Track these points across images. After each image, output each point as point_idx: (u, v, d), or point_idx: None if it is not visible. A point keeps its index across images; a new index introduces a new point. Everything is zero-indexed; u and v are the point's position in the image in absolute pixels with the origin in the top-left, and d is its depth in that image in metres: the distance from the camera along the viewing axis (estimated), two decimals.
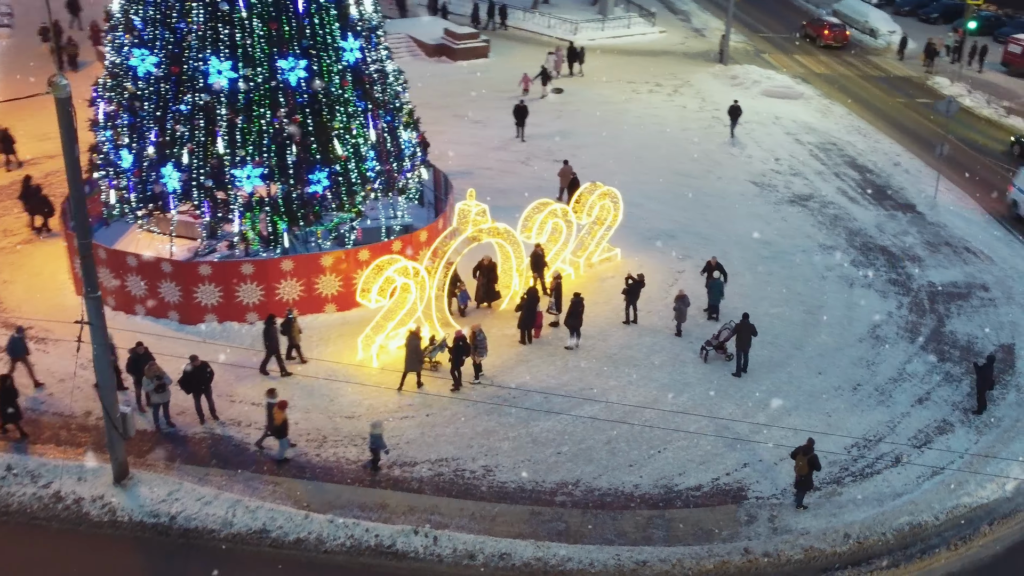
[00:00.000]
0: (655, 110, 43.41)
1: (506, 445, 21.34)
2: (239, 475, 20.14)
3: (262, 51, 24.18)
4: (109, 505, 19.08)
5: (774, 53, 54.60)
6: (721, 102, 43.87)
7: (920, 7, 65.73)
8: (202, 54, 24.05)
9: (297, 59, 24.41)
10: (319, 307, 25.50)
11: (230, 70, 24.08)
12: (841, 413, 23.09)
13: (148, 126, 24.69)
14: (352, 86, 25.46)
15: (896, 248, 31.64)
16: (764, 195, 35.12)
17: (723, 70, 49.55)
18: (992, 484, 20.96)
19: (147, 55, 24.43)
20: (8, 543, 18.41)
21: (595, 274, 28.37)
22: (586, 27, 53.87)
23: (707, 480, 20.72)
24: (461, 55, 47.70)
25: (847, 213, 34.06)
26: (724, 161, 38.02)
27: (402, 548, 18.45)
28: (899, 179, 37.56)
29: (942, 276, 29.99)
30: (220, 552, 18.40)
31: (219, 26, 23.95)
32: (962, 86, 49.64)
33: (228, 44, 24.03)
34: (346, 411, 22.14)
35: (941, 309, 28.06)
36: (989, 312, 28.09)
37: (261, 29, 24.09)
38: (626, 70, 48.98)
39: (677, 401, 23.05)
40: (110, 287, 25.21)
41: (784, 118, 43.35)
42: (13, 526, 18.78)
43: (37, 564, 17.96)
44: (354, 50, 25.56)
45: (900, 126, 43.58)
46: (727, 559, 18.65)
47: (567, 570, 18.25)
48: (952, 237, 32.80)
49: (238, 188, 24.61)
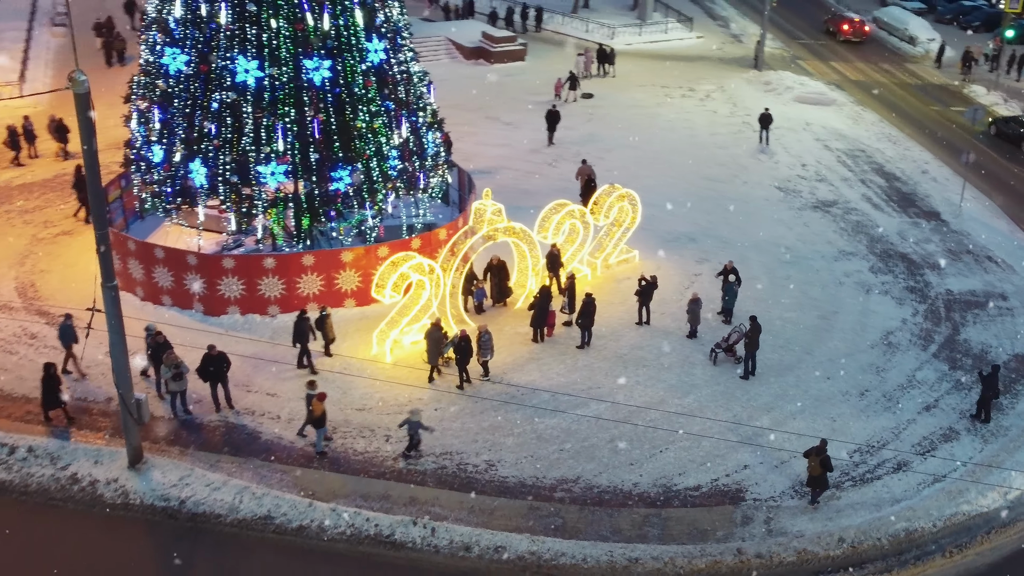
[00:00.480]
0: (686, 115, 43.00)
1: (510, 441, 21.32)
2: (249, 463, 20.39)
3: (287, 51, 24.48)
4: (122, 488, 19.45)
5: (810, 59, 53.75)
6: (753, 108, 43.31)
7: (962, 15, 64.17)
8: (230, 53, 24.42)
9: (322, 59, 24.69)
10: (339, 302, 25.69)
11: (257, 69, 24.44)
12: (846, 418, 22.70)
13: (178, 122, 25.15)
14: (376, 86, 25.66)
15: (916, 255, 30.99)
16: (788, 200, 34.61)
17: (757, 76, 48.92)
18: (993, 493, 20.47)
19: (178, 54, 24.87)
20: (25, 522, 18.85)
21: (612, 275, 28.20)
22: (623, 31, 53.51)
23: (706, 481, 20.50)
24: (498, 58, 47.71)
25: (870, 220, 33.43)
26: (751, 166, 37.54)
27: (400, 538, 18.55)
28: (926, 187, 36.77)
29: (961, 284, 29.31)
30: (226, 536, 18.67)
31: (247, 26, 24.30)
32: (999, 95, 48.48)
33: (255, 44, 24.36)
34: (357, 403, 22.30)
35: (957, 317, 27.43)
36: (1006, 321, 27.40)
37: (287, 30, 24.39)
38: (660, 75, 48.58)
39: (683, 402, 22.84)
40: (138, 278, 25.72)
41: (815, 124, 42.67)
42: (31, 505, 19.23)
43: (52, 543, 18.33)
44: (378, 51, 25.72)
45: (932, 134, 42.62)
46: (719, 559, 18.45)
47: (560, 564, 18.20)
48: (975, 246, 32.03)
49: (263, 184, 24.96)
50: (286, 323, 24.91)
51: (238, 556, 18.32)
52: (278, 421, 21.66)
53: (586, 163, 33.21)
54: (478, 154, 36.32)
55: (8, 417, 21.36)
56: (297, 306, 25.22)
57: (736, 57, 52.86)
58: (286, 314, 25.15)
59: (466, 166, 31.69)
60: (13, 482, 19.64)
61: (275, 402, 22.26)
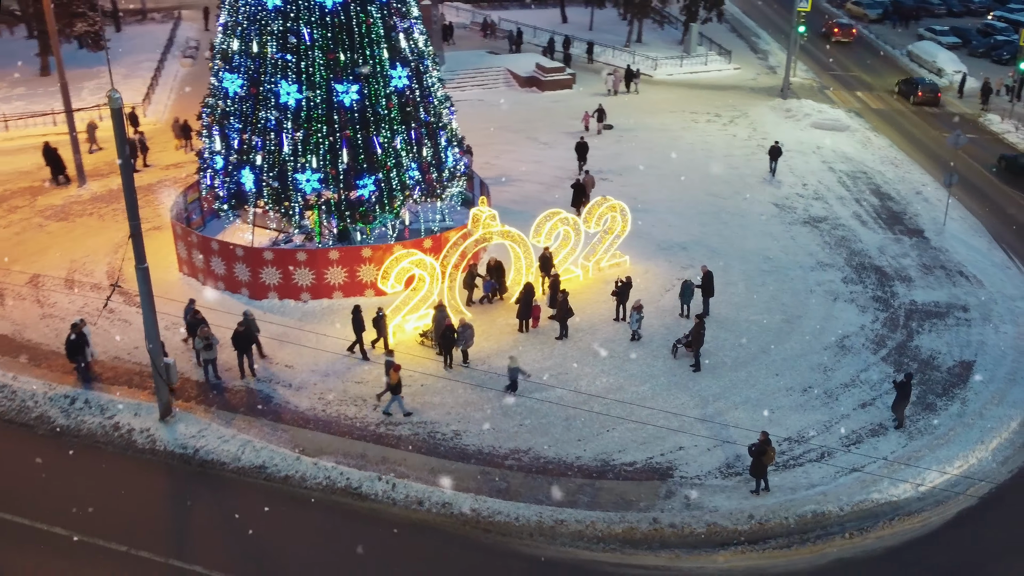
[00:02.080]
0: (707, 138, 42.43)
1: (478, 415, 21.82)
2: (258, 421, 21.48)
3: (321, 76, 25.55)
4: (151, 436, 20.82)
5: (838, 89, 52.12)
6: (770, 133, 42.45)
7: (993, 49, 61.08)
8: (275, 78, 25.67)
9: (350, 84, 25.67)
10: (360, 291, 26.65)
11: (296, 92, 25.61)
12: (785, 411, 22.31)
13: (232, 136, 26.61)
14: (397, 108, 26.50)
15: (890, 268, 29.95)
16: (781, 216, 33.88)
17: (780, 103, 47.76)
18: (905, 485, 19.83)
19: (235, 78, 26.29)
20: (74, 459, 20.42)
21: (602, 277, 28.30)
22: (665, 63, 53.03)
23: (642, 458, 20.55)
24: (548, 86, 48.05)
25: (854, 235, 32.43)
26: (755, 185, 36.85)
27: (366, 491, 19.31)
28: (916, 207, 35.38)
29: (926, 296, 28.23)
30: (226, 481, 19.79)
31: (289, 56, 25.49)
32: (1011, 123, 46.09)
33: (295, 70, 25.53)
34: (356, 377, 23.14)
35: (914, 325, 26.47)
36: (960, 331, 26.28)
37: (321, 59, 25.46)
38: (692, 102, 48.01)
39: (639, 389, 22.89)
40: (199, 266, 27.29)
41: (825, 148, 41.49)
42: (80, 447, 20.76)
43: (92, 478, 19.77)
44: (402, 77, 26.56)
45: (937, 158, 40.86)
46: (635, 526, 18.54)
47: (495, 521, 18.64)
48: (949, 261, 30.72)
49: (299, 190, 26.13)
50: (314, 308, 26.14)
51: (233, 497, 19.39)
52: (289, 388, 22.72)
53: (589, 174, 33.49)
54: (512, 168, 36.86)
55: (73, 372, 23.07)
56: (325, 294, 26.43)
57: (767, 87, 51.71)
58: (315, 300, 26.38)
59: (498, 178, 32.22)
60: (69, 427, 21.27)
61: (290, 373, 23.33)
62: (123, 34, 56.89)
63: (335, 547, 17.93)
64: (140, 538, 17.92)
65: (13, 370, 23.18)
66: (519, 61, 50.02)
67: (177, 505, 19.29)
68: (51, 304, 26.27)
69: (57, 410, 21.69)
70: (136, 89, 45.16)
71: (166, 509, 19.15)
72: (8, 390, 22.38)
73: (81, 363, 22.67)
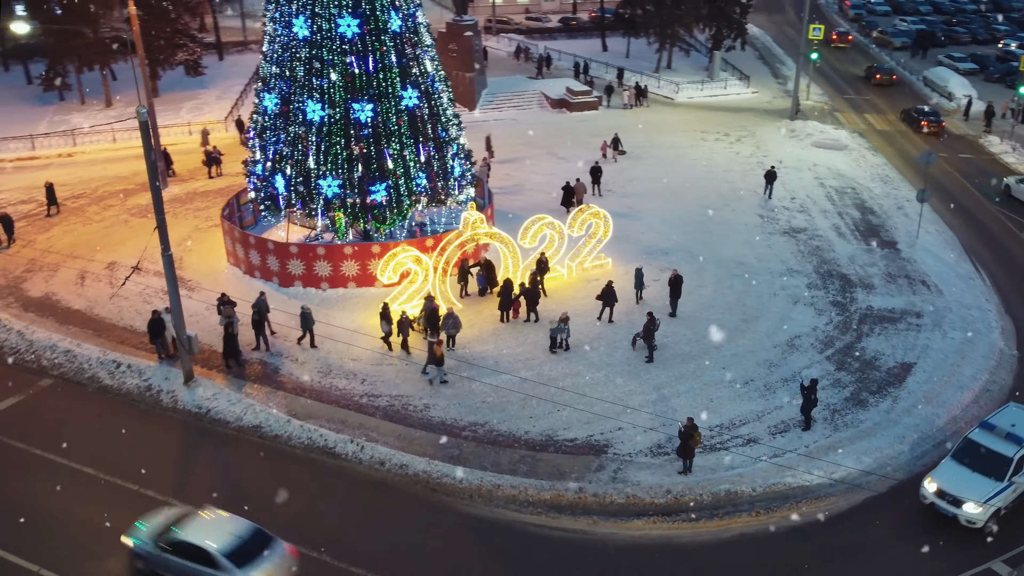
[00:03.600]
0: (711, 154, 41.70)
1: (449, 392, 22.29)
2: (264, 388, 22.51)
3: (340, 96, 26.42)
4: (175, 397, 22.07)
5: (847, 112, 50.33)
6: (773, 151, 41.48)
7: (1008, 75, 57.75)
8: (302, 97, 26.70)
9: (365, 103, 26.47)
10: (371, 282, 27.46)
11: (320, 109, 26.57)
12: (723, 400, 22.02)
13: (268, 147, 27.80)
14: (407, 124, 27.17)
15: (855, 276, 28.98)
16: (764, 226, 33.12)
17: (788, 124, 46.49)
18: (819, 472, 19.34)
19: (271, 97, 27.47)
20: (113, 412, 21.79)
21: (584, 276, 28.35)
22: (687, 87, 52.22)
23: (583, 435, 20.66)
24: (575, 107, 48.02)
25: (829, 245, 31.47)
26: (746, 198, 36.08)
27: (338, 451, 20.03)
28: (895, 221, 34.03)
29: (884, 302, 27.24)
30: (227, 436, 20.84)
31: (313, 79, 26.47)
32: (1009, 144, 43.69)
33: (319, 91, 26.49)
34: (353, 355, 23.86)
35: (865, 329, 25.62)
36: (909, 335, 25.31)
37: (341, 81, 26.33)
38: (705, 122, 47.18)
39: (595, 376, 22.96)
40: (241, 257, 28.62)
41: (820, 165, 40.24)
42: (119, 403, 22.14)
43: (129, 428, 21.01)
44: (411, 98, 27.20)
45: (928, 176, 39.03)
46: (562, 493, 18.70)
47: (442, 483, 19.10)
48: (915, 271, 29.51)
49: (322, 194, 27.10)
50: (331, 296, 27.06)
51: (231, 449, 20.44)
52: (295, 363, 23.67)
53: (579, 181, 33.64)
54: (527, 179, 37.13)
55: (126, 344, 24.63)
56: (341, 284, 27.35)
57: (780, 109, 50.32)
58: (332, 289, 27.32)
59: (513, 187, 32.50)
60: (113, 386, 22.70)
61: (298, 349, 24.22)
62: (224, 62, 59.46)
63: (306, 494, 18.69)
64: (149, 480, 19.08)
65: (79, 338, 24.87)
66: (552, 85, 50.11)
67: (185, 455, 20.45)
68: (119, 287, 27.99)
69: (105, 372, 23.20)
70: (224, 108, 47.30)
71: (175, 458, 20.32)
72: (71, 354, 24.03)
73: (159, 343, 23.56)
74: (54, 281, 28.31)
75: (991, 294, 28.58)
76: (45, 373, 23.31)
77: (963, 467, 18.16)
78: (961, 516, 17.65)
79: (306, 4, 26.07)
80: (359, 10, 25.94)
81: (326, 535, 17.40)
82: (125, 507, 17.79)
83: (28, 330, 25.13)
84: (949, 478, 17.96)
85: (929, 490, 18.13)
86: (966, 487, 17.68)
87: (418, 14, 27.71)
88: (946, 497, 17.83)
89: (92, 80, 49.50)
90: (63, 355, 23.86)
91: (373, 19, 26.12)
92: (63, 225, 33.01)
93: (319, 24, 26.02)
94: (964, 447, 18.59)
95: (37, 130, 43.62)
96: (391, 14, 26.49)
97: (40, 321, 25.79)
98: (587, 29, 67.23)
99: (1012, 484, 17.83)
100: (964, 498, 17.58)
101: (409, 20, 27.19)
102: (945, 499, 17.84)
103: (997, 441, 18.27)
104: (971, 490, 17.62)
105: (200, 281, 28.12)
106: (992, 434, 18.48)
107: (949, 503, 17.78)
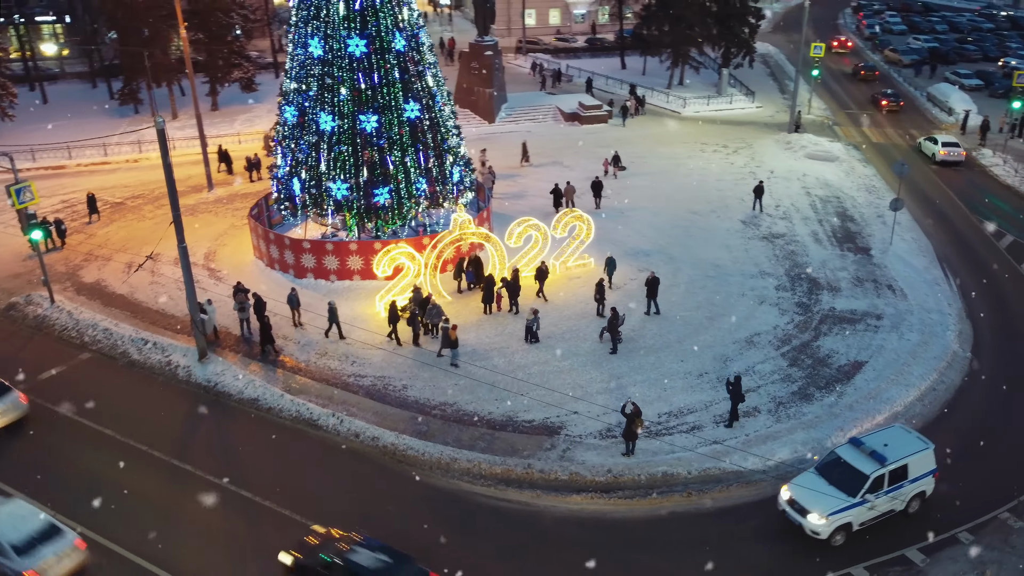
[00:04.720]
0: (707, 165, 41.09)
1: (426, 374, 22.70)
2: (266, 367, 23.31)
3: (349, 109, 27.10)
4: (189, 371, 23.05)
5: (845, 126, 48.94)
6: (766, 162, 40.67)
7: (1011, 90, 55.24)
8: (315, 110, 27.49)
9: (370, 115, 27.09)
10: (373, 275, 28.09)
11: (331, 120, 27.30)
12: (675, 390, 21.91)
13: (286, 154, 28.70)
14: (408, 134, 27.70)
15: (824, 279, 28.34)
16: (744, 231, 32.58)
17: (784, 137, 45.47)
18: (755, 459, 19.12)
19: (291, 110, 28.35)
20: (137, 383, 22.93)
21: (567, 274, 28.41)
22: (694, 102, 51.48)
23: (540, 417, 20.83)
24: (586, 121, 47.86)
25: (804, 250, 30.79)
26: (732, 205, 35.49)
27: (320, 423, 20.67)
28: (873, 228, 33.04)
29: (847, 304, 26.60)
30: (229, 407, 21.71)
31: (326, 92, 27.21)
32: (1000, 156, 41.94)
33: (331, 103, 27.22)
34: (348, 339, 24.55)
35: (824, 328, 25.09)
36: (865, 336, 24.69)
37: (349, 95, 27.01)
38: (707, 134, 46.48)
39: (560, 364, 23.08)
40: (263, 251, 29.60)
41: (810, 175, 39.28)
42: (143, 376, 23.26)
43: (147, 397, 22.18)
44: (414, 110, 27.72)
45: (914, 187, 37.91)
46: (512, 468, 18.96)
47: (407, 454, 19.56)
48: (883, 276, 28.69)
49: (332, 196, 27.84)
50: (339, 287, 27.69)
51: (229, 418, 21.29)
52: (298, 345, 24.41)
53: (570, 184, 33.67)
54: (531, 186, 37.20)
55: (156, 324, 25.78)
56: (347, 276, 28.03)
57: (781, 122, 49.19)
58: (340, 280, 28.03)
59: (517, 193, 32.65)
60: (139, 361, 23.82)
61: (302, 333, 25.03)
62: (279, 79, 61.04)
63: (288, 460, 19.42)
64: (157, 443, 20.07)
65: (118, 319, 26.16)
66: (566, 99, 50.04)
67: (194, 421, 21.38)
68: (160, 275, 29.27)
69: (134, 348, 24.36)
70: (271, 120, 48.62)
71: (182, 424, 21.28)
72: (109, 332, 25.28)
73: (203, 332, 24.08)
74: (105, 270, 29.75)
75: (955, 299, 27.64)
76: (86, 348, 24.60)
77: (821, 479, 17.14)
78: (806, 526, 16.76)
79: (320, 27, 26.85)
80: (366, 31, 26.59)
81: (297, 495, 18.02)
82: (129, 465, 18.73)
83: (77, 311, 26.52)
84: (803, 488, 16.99)
85: (783, 498, 17.33)
86: (815, 499, 16.66)
87: (420, 34, 28.22)
88: (795, 506, 17.00)
89: (162, 95, 51.56)
90: (102, 332, 25.12)
91: (379, 39, 26.75)
92: (121, 221, 34.58)
93: (331, 44, 26.76)
94: (828, 460, 17.61)
95: (111, 140, 45.67)
96: (395, 35, 27.06)
97: (88, 303, 27.18)
98: (608, 49, 66.96)
99: (865, 501, 16.81)
100: (810, 509, 16.70)
101: (412, 40, 27.72)
102: (794, 508, 17.01)
103: (860, 458, 17.23)
104: (818, 503, 16.61)
105: (229, 272, 29.16)
106: (858, 450, 17.45)
107: (797, 512, 16.95)
